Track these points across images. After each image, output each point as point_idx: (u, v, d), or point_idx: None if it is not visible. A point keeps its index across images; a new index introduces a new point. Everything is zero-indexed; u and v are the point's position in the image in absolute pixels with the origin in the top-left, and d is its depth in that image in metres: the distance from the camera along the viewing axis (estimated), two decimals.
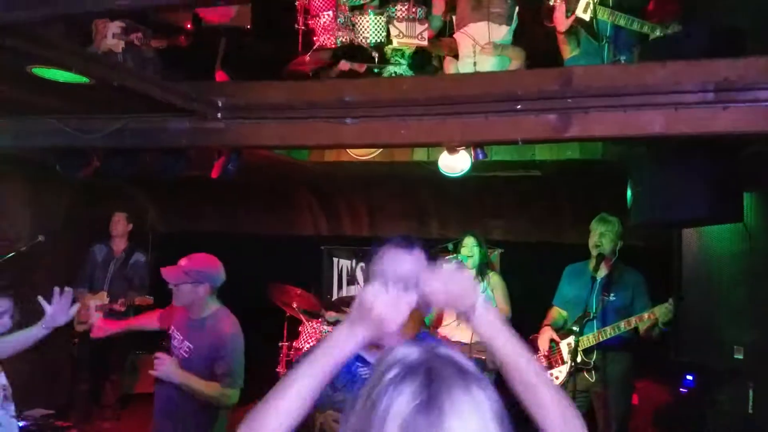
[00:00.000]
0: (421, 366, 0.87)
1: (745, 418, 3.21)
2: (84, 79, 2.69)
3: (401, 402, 0.83)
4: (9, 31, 2.16)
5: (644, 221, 3.22)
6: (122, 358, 5.75)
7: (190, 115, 3.27)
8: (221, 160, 3.68)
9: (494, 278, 4.58)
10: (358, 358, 1.92)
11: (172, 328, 2.97)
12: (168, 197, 6.55)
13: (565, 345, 3.91)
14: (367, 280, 1.84)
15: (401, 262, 1.67)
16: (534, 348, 3.97)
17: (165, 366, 2.74)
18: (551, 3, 3.86)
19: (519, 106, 2.76)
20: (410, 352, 0.90)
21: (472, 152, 3.17)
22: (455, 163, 3.35)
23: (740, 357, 3.14)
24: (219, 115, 3.22)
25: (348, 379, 1.92)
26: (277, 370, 5.27)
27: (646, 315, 3.68)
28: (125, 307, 5.44)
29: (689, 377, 4.74)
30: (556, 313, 4.15)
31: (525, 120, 2.78)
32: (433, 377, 0.85)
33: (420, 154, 4.34)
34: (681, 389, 4.69)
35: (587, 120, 2.74)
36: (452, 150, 3.19)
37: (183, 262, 2.90)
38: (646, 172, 3.22)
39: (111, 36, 3.56)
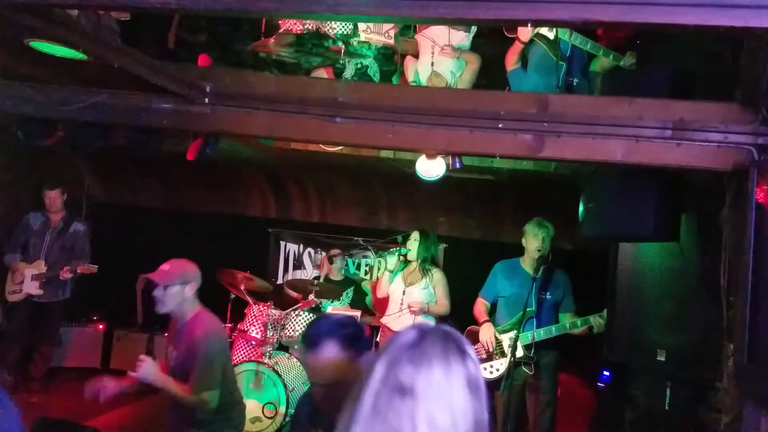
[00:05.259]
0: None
1: (661, 414, 3.68)
2: (82, 56, 2.64)
3: None
4: (24, 6, 2.11)
5: (594, 234, 3.56)
6: (55, 329, 5.58)
7: (175, 97, 3.25)
8: (197, 142, 3.67)
9: (437, 275, 4.84)
10: None
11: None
12: (109, 166, 6.32)
13: (507, 339, 4.23)
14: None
15: None
16: (473, 340, 4.26)
17: (144, 368, 2.77)
18: None
19: (500, 125, 2.99)
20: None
21: (451, 160, 3.39)
22: (432, 168, 3.56)
23: (662, 359, 3.58)
24: (207, 100, 3.22)
25: None
26: None
27: (584, 324, 4.10)
28: (70, 275, 5.31)
29: (606, 373, 5.26)
30: (483, 305, 4.45)
31: (505, 137, 3.01)
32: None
33: (387, 152, 4.50)
34: (598, 384, 5.20)
35: (559, 143, 3.00)
36: (431, 156, 3.38)
37: (166, 266, 2.94)
38: (598, 190, 3.56)
39: None
